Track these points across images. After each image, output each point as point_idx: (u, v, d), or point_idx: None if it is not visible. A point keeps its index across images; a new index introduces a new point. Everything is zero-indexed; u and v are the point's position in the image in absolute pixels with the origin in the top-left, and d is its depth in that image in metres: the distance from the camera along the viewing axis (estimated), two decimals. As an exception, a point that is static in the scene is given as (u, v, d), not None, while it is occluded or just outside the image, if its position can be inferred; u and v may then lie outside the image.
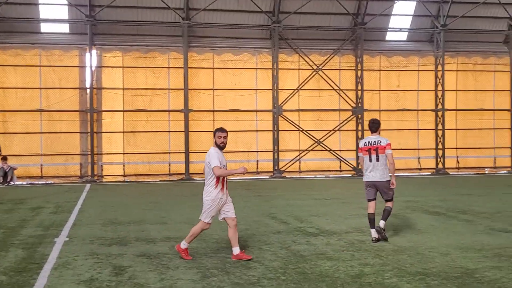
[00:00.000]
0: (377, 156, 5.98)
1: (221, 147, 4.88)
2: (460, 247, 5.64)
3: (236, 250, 4.82)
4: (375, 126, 5.94)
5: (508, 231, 6.82)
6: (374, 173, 6.12)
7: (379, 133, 6.00)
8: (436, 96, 18.65)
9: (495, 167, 19.70)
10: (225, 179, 4.90)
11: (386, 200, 6.08)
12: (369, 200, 6.12)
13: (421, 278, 3.98)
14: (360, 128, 18.05)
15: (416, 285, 3.70)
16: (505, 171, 19.19)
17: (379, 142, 5.89)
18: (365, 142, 6.17)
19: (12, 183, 15.53)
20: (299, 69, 17.76)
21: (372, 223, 5.81)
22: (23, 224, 8.55)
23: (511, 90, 19.62)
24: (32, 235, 7.34)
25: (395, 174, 6.52)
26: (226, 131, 5.01)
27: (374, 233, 5.96)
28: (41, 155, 15.93)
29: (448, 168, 18.67)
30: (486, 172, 19.16)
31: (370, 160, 5.93)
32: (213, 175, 4.71)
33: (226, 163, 5.00)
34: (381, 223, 5.98)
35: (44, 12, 16.34)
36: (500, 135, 19.47)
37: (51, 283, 4.03)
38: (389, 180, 6.04)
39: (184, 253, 4.93)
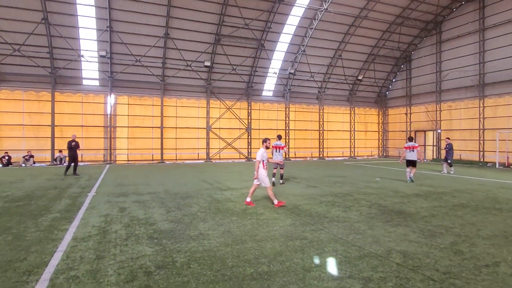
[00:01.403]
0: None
1: (267, 147, 7.99)
2: (292, 194, 9.85)
3: (275, 201, 7.81)
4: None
5: (315, 186, 11.34)
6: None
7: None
8: (286, 122, 28.85)
9: (312, 157, 30.03)
10: (265, 164, 7.94)
11: None
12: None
13: (274, 209, 7.56)
14: (249, 137, 27.52)
15: (271, 213, 7.05)
16: (316, 159, 29.05)
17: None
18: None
19: (64, 164, 20.39)
20: (220, 108, 26.84)
21: None
22: (70, 186, 11.65)
23: (319, 120, 31.31)
24: (75, 191, 10.21)
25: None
26: (269, 140, 8.12)
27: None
28: (83, 149, 20.29)
29: (292, 157, 28.75)
30: (308, 159, 29.36)
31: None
32: (261, 162, 7.79)
33: (267, 156, 7.93)
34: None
35: (85, 73, 23.70)
36: (314, 138, 30.40)
37: (84, 217, 6.74)
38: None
39: (250, 204, 7.91)
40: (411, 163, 13.23)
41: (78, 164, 16.22)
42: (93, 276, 4.00)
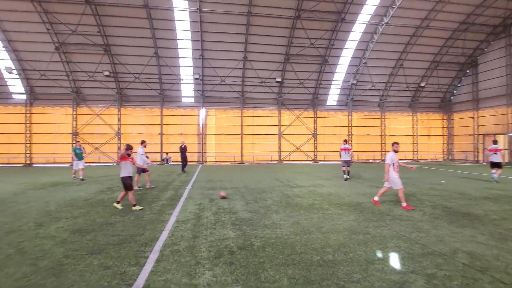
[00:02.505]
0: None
1: (395, 151, 7.12)
2: (356, 193, 9.05)
3: (404, 204, 6.98)
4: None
5: (377, 186, 10.32)
6: None
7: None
8: (349, 128, 27.72)
9: (374, 160, 27.95)
10: (396, 167, 6.90)
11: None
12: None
13: (338, 206, 7.17)
14: (315, 142, 26.98)
15: (335, 209, 6.75)
16: (378, 161, 26.96)
17: None
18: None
19: (169, 164, 23.73)
20: (289, 116, 26.78)
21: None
22: (173, 180, 12.68)
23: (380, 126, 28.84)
24: (177, 185, 11.21)
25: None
26: (398, 144, 7.24)
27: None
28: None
29: (355, 160, 26.74)
30: (370, 161, 27.65)
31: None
32: (391, 164, 6.88)
33: (397, 160, 6.99)
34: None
35: (183, 92, 25.73)
36: (375, 142, 28.47)
37: (184, 204, 7.48)
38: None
39: (376, 203, 7.28)
40: (495, 165, 12.25)
41: (187, 163, 17.36)
42: (191, 251, 4.33)
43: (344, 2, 21.11)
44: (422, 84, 27.01)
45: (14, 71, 22.31)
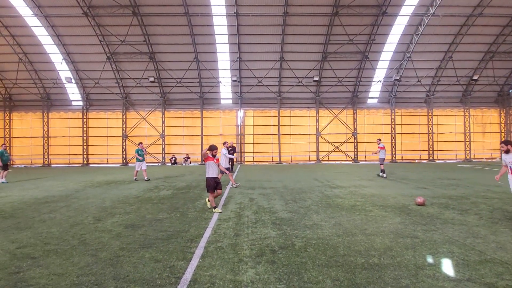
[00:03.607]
0: None
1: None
2: (401, 194, 8.42)
3: None
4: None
5: (424, 188, 9.78)
6: None
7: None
8: (391, 126, 26.46)
9: (420, 160, 26.35)
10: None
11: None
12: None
13: (382, 207, 6.74)
14: (355, 142, 26.07)
15: (379, 210, 6.41)
16: (425, 161, 25.53)
17: None
18: None
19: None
20: (327, 116, 26.14)
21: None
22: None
23: (427, 124, 26.50)
24: None
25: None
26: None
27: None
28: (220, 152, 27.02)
29: (399, 159, 26.25)
30: (416, 161, 26.02)
31: None
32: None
33: (510, 161, 5.71)
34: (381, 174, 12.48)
35: (222, 94, 26.33)
36: (422, 141, 26.47)
37: (225, 203, 7.57)
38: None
39: None
40: None
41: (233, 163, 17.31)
42: (233, 248, 4.44)
43: (385, -6, 19.98)
44: (475, 77, 24.76)
45: (73, 80, 24.60)
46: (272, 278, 3.46)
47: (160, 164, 25.52)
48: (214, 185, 6.80)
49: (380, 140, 14.47)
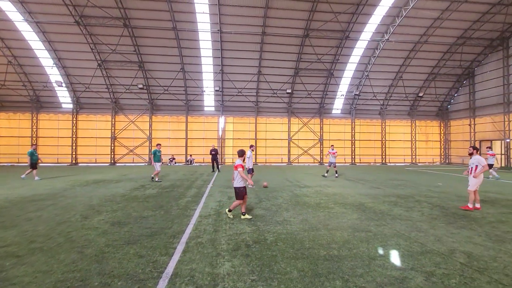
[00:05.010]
0: None
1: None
2: (359, 193, 8.82)
3: (470, 205, 6.40)
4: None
5: (378, 188, 10.17)
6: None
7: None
8: (352, 134, 27.13)
9: (375, 163, 27.16)
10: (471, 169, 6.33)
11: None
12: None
13: (343, 205, 6.98)
14: (321, 146, 26.43)
15: (340, 208, 6.58)
16: (378, 164, 26.80)
17: None
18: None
19: (193, 164, 24.13)
20: (298, 123, 26.52)
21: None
22: (197, 179, 12.76)
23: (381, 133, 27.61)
24: (199, 183, 11.11)
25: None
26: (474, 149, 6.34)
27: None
28: (204, 154, 24.91)
29: (358, 162, 26.91)
30: (371, 164, 26.87)
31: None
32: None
33: (472, 163, 6.34)
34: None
35: (205, 102, 25.85)
36: (376, 147, 27.75)
37: (206, 201, 7.42)
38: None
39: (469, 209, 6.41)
40: (491, 166, 13.78)
41: (219, 164, 17.81)
42: (212, 243, 4.39)
43: (348, 21, 20.93)
44: (420, 94, 26.33)
45: (63, 84, 23.24)
46: (246, 271, 3.46)
47: (146, 164, 24.66)
48: (244, 192, 5.82)
49: (333, 146, 15.23)
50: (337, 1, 19.41)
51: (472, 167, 6.70)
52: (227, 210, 5.94)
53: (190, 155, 25.55)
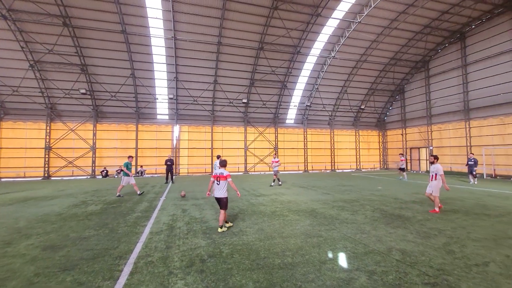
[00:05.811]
0: None
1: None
2: (311, 200, 9.13)
3: (436, 208, 6.83)
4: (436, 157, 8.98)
5: (328, 193, 10.68)
6: None
7: None
8: (304, 143, 28.43)
9: (325, 169, 28.97)
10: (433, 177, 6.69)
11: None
12: None
13: (296, 212, 7.13)
14: (276, 155, 25.95)
15: (294, 215, 6.75)
16: (328, 171, 28.74)
17: None
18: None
19: (144, 176, 22.74)
20: (254, 133, 26.87)
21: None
22: (148, 192, 11.74)
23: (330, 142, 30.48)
24: (151, 196, 10.40)
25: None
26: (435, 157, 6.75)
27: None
28: (157, 164, 23.78)
29: (310, 169, 28.06)
30: (322, 171, 28.39)
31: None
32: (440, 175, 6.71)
33: (433, 171, 6.90)
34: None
35: (158, 110, 24.68)
36: (326, 155, 29.67)
37: (157, 216, 6.95)
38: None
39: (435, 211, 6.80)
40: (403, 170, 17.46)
41: (173, 175, 17.53)
42: (164, 262, 4.13)
43: (299, 38, 22.35)
44: (362, 107, 29.20)
45: (-16, 87, 19.91)
46: (200, 287, 3.32)
47: (89, 177, 22.26)
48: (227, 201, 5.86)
49: (275, 154, 15.65)
50: (289, 18, 20.58)
51: (432, 175, 7.25)
52: (219, 228, 5.62)
53: (141, 166, 23.93)
